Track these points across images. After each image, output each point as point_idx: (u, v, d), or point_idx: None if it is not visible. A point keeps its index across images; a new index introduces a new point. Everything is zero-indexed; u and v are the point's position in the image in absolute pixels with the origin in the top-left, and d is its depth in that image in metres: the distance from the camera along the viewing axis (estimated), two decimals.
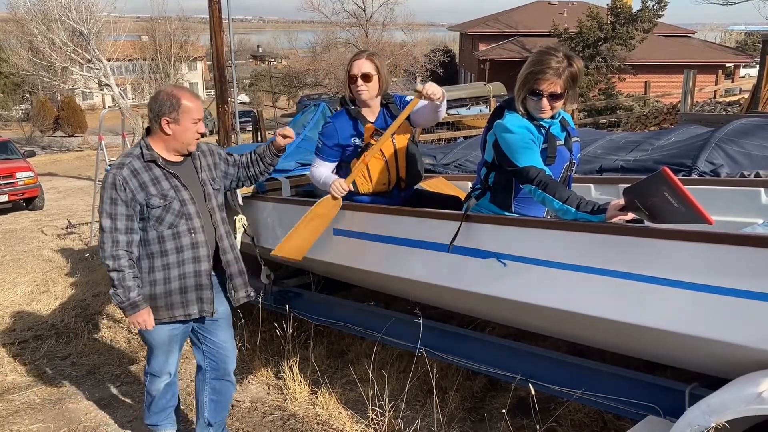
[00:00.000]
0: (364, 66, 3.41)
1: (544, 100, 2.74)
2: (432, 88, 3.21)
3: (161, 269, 3.10)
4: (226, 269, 3.26)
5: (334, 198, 3.43)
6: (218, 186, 3.32)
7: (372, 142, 3.42)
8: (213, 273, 3.23)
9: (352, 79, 3.43)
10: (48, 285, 7.18)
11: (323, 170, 3.56)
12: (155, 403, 3.44)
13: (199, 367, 3.44)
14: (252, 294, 3.38)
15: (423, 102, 3.31)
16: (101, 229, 3.03)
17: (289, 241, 3.53)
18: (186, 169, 3.17)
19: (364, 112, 3.49)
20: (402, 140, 3.49)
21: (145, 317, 3.07)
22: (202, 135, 3.12)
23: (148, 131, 3.14)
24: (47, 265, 8.26)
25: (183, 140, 3.08)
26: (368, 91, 3.42)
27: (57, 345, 5.30)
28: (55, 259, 8.62)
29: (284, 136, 3.43)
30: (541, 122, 2.82)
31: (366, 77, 3.40)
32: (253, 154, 3.50)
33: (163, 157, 3.09)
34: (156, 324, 3.13)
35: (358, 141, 3.46)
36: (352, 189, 3.46)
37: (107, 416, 4.07)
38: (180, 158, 3.16)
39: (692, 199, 2.09)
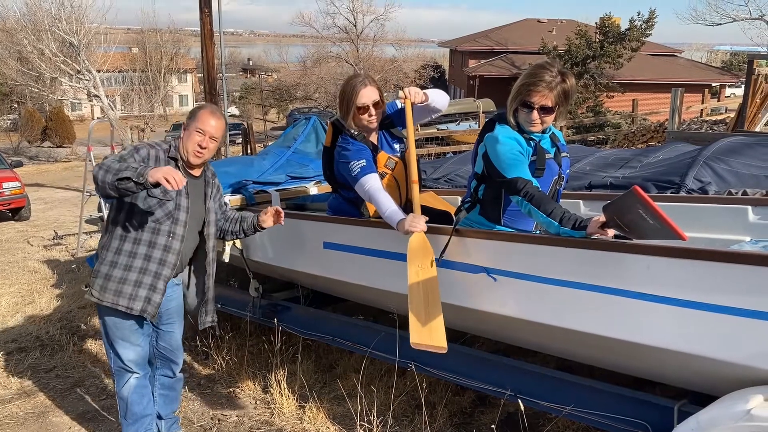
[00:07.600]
0: (374, 94, 3.23)
1: (535, 113, 2.76)
2: (412, 90, 3.14)
3: (127, 255, 3.15)
4: (206, 293, 3.40)
5: (413, 232, 2.96)
6: (218, 218, 3.46)
7: (385, 170, 3.28)
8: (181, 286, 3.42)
9: (362, 110, 3.21)
10: (33, 296, 7.09)
11: (384, 196, 3.13)
12: (130, 410, 3.41)
13: (149, 362, 3.52)
14: (215, 321, 3.53)
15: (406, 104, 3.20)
16: (107, 159, 3.01)
17: (422, 326, 2.81)
18: (197, 186, 3.30)
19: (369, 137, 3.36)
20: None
21: (168, 170, 2.81)
22: (201, 148, 3.15)
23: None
24: (33, 277, 8.18)
25: (185, 145, 3.18)
26: (377, 118, 3.28)
27: (41, 357, 5.23)
28: (41, 271, 8.53)
29: (275, 214, 3.38)
30: (530, 135, 2.84)
31: (377, 105, 3.24)
32: (237, 214, 3.57)
33: (183, 161, 3.21)
34: (107, 307, 3.17)
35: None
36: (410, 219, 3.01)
37: (91, 430, 4.01)
38: (198, 173, 3.29)
39: (664, 216, 2.11)
